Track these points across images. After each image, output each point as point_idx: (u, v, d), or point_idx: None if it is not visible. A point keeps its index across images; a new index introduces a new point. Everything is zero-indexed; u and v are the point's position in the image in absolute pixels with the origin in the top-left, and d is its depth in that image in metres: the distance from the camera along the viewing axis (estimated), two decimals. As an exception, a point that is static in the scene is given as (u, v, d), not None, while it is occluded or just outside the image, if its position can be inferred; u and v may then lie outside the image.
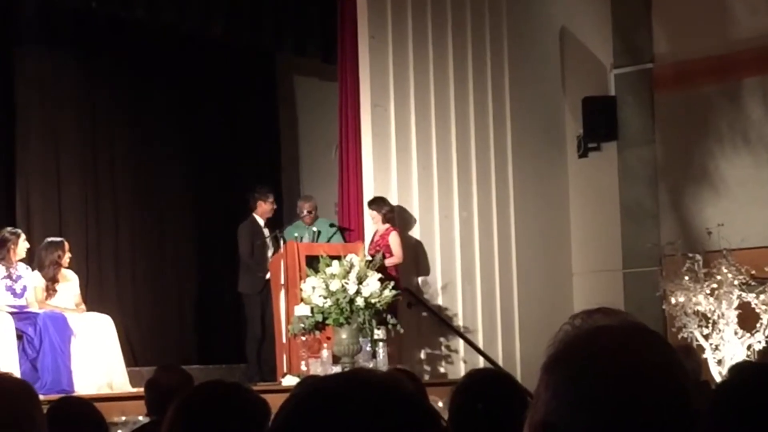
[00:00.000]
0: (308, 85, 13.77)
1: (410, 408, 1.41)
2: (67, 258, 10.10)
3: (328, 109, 12.54)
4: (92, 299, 10.68)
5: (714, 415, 1.97)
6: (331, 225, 11.67)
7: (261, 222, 11.68)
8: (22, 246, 9.93)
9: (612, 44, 13.14)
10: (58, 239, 10.27)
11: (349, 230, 11.62)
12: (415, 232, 11.74)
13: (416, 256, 11.71)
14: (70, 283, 10.15)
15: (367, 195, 11.57)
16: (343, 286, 9.84)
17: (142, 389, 6.44)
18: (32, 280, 9.90)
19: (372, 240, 11.20)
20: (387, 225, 11.14)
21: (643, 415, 1.43)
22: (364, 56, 11.69)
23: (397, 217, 11.56)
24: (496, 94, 12.42)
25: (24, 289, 9.81)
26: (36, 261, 10.05)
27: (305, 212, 11.62)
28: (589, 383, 1.43)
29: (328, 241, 11.33)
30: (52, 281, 9.98)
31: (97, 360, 9.70)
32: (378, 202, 11.23)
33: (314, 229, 11.54)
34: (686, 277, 11.05)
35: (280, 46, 12.39)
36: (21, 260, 9.94)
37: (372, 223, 11.27)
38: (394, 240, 11.02)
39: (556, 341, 1.51)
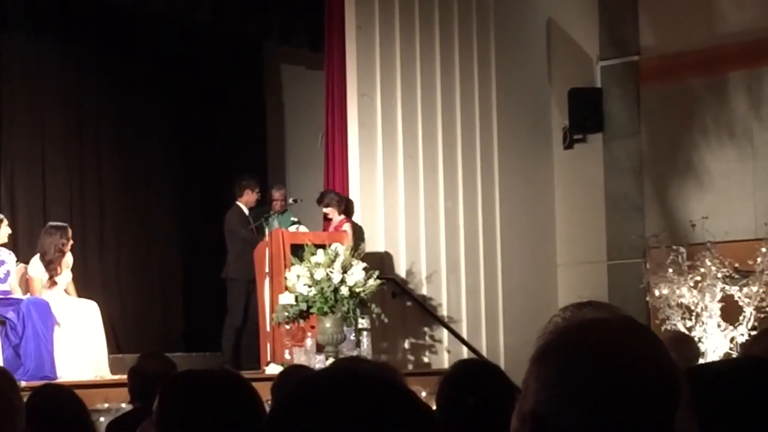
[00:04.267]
0: (295, 73, 13.74)
1: (404, 405, 1.41)
2: (69, 245, 9.95)
3: (314, 98, 12.53)
4: (76, 286, 10.63)
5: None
6: (293, 222, 11.65)
7: (246, 210, 11.70)
8: (4, 231, 9.81)
9: (598, 36, 13.16)
10: (62, 224, 10.05)
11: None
12: (401, 222, 11.75)
13: (401, 246, 11.72)
14: (67, 270, 10.05)
15: (353, 184, 11.59)
16: (327, 275, 9.84)
17: (125, 376, 6.44)
18: (31, 270, 9.78)
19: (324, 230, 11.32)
20: (341, 216, 11.20)
21: (632, 407, 1.44)
22: (351, 45, 11.69)
23: (383, 207, 11.61)
24: (482, 85, 12.42)
25: (7, 274, 9.72)
26: (39, 248, 9.89)
27: (275, 200, 11.79)
28: (579, 375, 1.44)
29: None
30: (54, 270, 9.79)
31: (83, 346, 9.66)
32: (329, 197, 11.23)
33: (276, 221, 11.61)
34: (670, 270, 11.07)
35: (268, 34, 12.37)
36: (3, 245, 9.84)
37: (329, 216, 11.28)
38: (347, 230, 11.04)
39: (545, 333, 1.51)
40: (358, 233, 11.29)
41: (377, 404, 1.38)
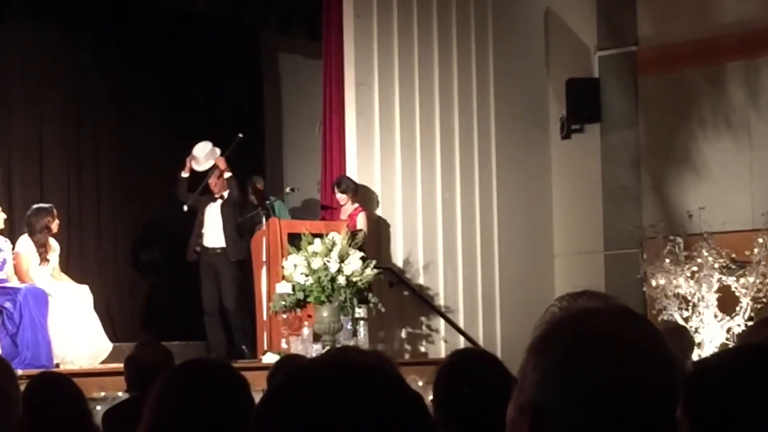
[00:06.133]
0: (293, 62, 13.72)
1: (393, 393, 1.41)
2: (56, 224, 10.02)
3: (312, 87, 12.51)
4: (73, 273, 10.63)
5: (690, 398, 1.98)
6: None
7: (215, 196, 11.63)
8: (0, 218, 9.80)
9: (596, 26, 13.14)
10: (47, 205, 10.17)
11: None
12: (398, 211, 11.75)
13: (398, 236, 11.71)
14: (54, 253, 10.07)
15: (350, 173, 11.57)
16: (324, 264, 9.83)
17: (121, 365, 6.43)
18: (20, 247, 9.80)
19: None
20: (355, 205, 11.18)
21: (630, 397, 1.44)
22: (348, 34, 11.67)
23: (380, 196, 11.60)
24: (480, 75, 12.41)
25: (3, 262, 9.70)
26: (27, 228, 9.95)
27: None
28: (577, 365, 1.44)
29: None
30: (43, 247, 9.89)
31: (81, 331, 9.66)
32: (347, 183, 11.21)
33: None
34: (667, 260, 11.09)
35: (266, 22, 12.34)
36: (-1, 232, 9.83)
37: (341, 203, 11.26)
38: (362, 221, 11.03)
39: (543, 323, 1.51)
40: (377, 224, 11.25)
41: (365, 393, 1.38)
